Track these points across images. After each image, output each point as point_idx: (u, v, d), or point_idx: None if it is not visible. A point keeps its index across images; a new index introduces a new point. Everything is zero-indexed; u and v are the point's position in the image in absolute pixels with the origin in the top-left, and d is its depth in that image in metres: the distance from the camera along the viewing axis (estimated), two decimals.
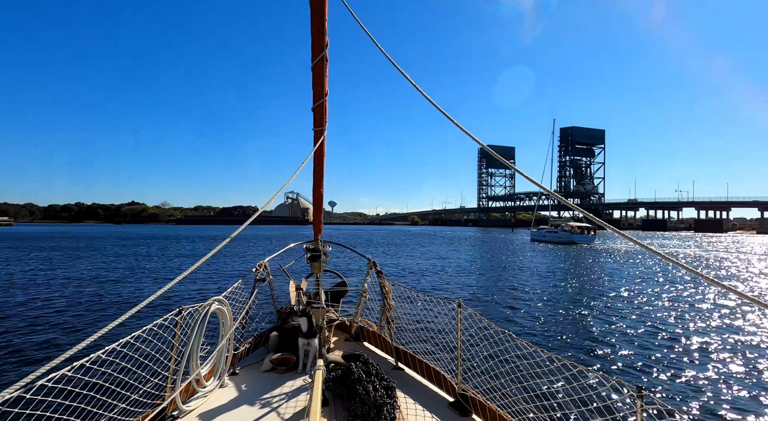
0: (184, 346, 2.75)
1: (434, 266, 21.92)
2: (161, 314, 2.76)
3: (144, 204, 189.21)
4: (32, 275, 16.31)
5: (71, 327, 8.61)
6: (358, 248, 8.51)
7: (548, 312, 10.73)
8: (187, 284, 13.65)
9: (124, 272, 17.18)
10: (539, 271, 20.14)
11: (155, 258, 23.45)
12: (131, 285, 14.17)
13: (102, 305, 10.82)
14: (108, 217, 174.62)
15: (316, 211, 5.00)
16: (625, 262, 25.02)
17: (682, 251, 40.07)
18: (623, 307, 11.45)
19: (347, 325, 4.56)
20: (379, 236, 65.44)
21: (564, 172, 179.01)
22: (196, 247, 35.10)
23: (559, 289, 14.63)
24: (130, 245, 35.48)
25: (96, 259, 21.78)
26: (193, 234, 59.76)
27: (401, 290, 4.08)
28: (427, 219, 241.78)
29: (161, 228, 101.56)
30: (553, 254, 32.59)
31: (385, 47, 3.24)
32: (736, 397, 5.82)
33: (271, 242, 43.36)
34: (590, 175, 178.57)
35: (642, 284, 15.79)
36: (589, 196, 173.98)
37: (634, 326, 9.35)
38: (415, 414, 2.90)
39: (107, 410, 2.32)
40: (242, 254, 27.19)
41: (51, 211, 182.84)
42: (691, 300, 12.57)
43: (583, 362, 7.03)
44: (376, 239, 54.13)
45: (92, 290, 12.75)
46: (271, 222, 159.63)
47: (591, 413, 3.31)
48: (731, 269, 22.70)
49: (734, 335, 8.79)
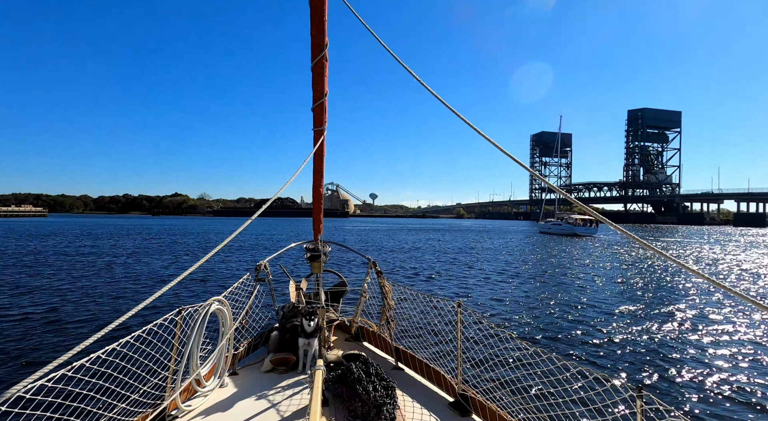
0: (184, 346, 2.75)
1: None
2: (161, 314, 2.76)
3: (186, 196, 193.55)
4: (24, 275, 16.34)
5: (70, 327, 8.61)
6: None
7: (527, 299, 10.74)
8: (188, 284, 13.66)
9: (127, 269, 17.23)
10: (526, 261, 20.11)
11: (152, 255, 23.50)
12: (134, 284, 14.18)
13: (102, 303, 10.84)
14: (151, 208, 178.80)
15: (316, 210, 5.01)
16: (620, 254, 24.93)
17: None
18: (610, 301, 11.46)
19: (347, 325, 4.57)
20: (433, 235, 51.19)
21: (632, 160, 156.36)
22: (197, 244, 34.37)
23: (540, 279, 14.65)
24: (151, 238, 35.08)
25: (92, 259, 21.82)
26: (215, 228, 56.62)
27: (401, 290, 4.09)
28: (473, 212, 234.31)
29: (195, 221, 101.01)
30: (550, 246, 32.61)
31: (390, 45, 3.24)
32: (737, 397, 5.82)
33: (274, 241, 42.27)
34: (662, 163, 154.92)
35: (636, 278, 15.79)
36: (660, 186, 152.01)
37: (627, 323, 9.36)
38: (415, 414, 2.90)
39: (107, 410, 2.32)
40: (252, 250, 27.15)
41: (100, 202, 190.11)
42: (687, 296, 12.58)
43: (568, 356, 7.04)
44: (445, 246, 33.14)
45: (95, 285, 12.78)
46: (309, 215, 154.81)
47: (591, 413, 3.31)
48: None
49: (735, 334, 8.79)
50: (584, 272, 18.42)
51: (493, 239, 44.85)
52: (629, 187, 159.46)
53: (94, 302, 11.07)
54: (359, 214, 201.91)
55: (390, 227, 74.88)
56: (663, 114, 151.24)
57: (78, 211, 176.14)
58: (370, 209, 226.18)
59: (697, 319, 10.20)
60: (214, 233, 48.82)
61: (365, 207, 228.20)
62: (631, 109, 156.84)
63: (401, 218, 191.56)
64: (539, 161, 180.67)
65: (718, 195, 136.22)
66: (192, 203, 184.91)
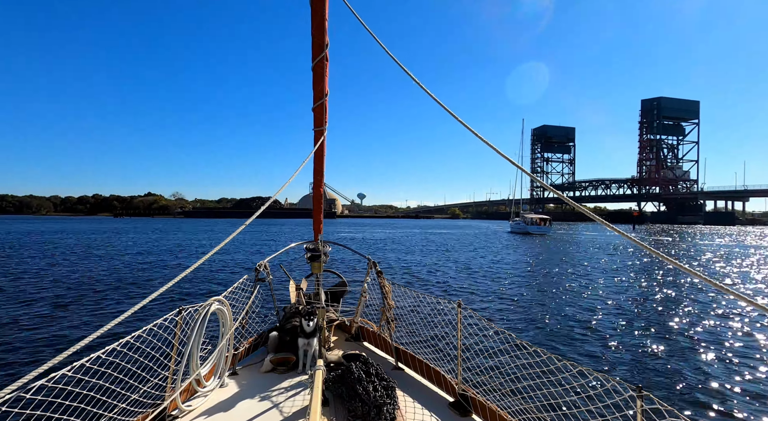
0: (184, 346, 2.75)
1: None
2: (162, 314, 2.76)
3: (159, 196, 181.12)
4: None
5: (70, 327, 8.61)
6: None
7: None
8: (187, 284, 13.66)
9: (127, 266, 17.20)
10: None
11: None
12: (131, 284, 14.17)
13: (100, 302, 10.83)
14: (123, 209, 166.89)
15: (317, 210, 5.00)
16: (567, 250, 24.95)
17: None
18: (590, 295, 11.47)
19: (347, 325, 4.57)
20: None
21: (648, 155, 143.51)
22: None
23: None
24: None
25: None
26: (175, 239, 37.88)
27: (401, 290, 4.09)
28: (469, 212, 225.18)
29: (161, 222, 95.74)
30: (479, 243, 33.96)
31: (389, 46, 3.24)
32: (737, 397, 5.82)
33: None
34: (677, 157, 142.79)
35: (631, 276, 15.80)
36: (676, 183, 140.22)
37: (627, 322, 9.36)
38: (415, 414, 2.90)
39: (107, 410, 2.32)
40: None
41: (68, 203, 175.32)
42: (686, 295, 12.58)
43: (568, 356, 7.04)
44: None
45: (92, 287, 12.77)
46: (292, 215, 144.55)
47: (591, 413, 3.32)
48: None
49: (735, 334, 8.79)
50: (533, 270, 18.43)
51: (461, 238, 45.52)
52: (644, 184, 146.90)
53: (92, 301, 11.07)
54: (347, 215, 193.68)
55: (404, 232, 58.53)
56: (680, 104, 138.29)
57: (44, 212, 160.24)
58: (359, 209, 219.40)
59: (697, 318, 10.20)
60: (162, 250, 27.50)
61: (353, 207, 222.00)
62: (645, 99, 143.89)
63: (393, 218, 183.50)
64: (540, 157, 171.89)
65: (755, 191, 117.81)
66: (164, 203, 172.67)
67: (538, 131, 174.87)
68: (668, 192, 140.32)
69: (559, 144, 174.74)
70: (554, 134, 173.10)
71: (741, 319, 10.21)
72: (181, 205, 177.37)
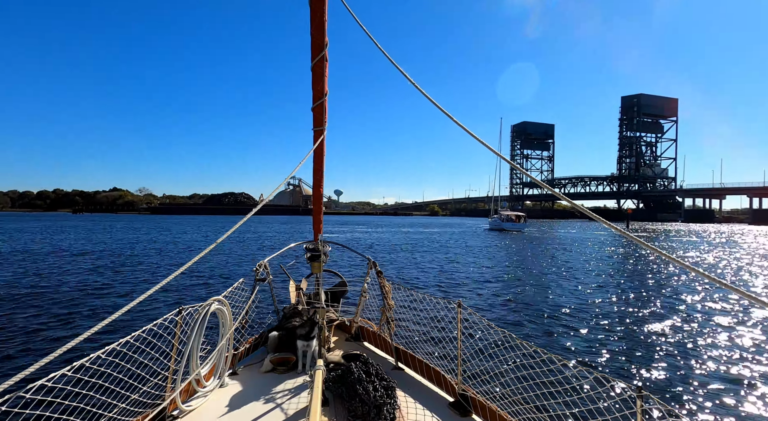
0: (184, 346, 2.75)
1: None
2: (161, 314, 2.76)
3: (125, 191, 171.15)
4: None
5: (67, 327, 8.61)
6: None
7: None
8: (188, 284, 13.65)
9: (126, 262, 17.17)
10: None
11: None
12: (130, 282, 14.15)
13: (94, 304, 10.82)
14: (86, 204, 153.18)
15: (317, 210, 5.01)
16: (536, 247, 24.95)
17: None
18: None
19: (347, 325, 4.57)
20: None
21: (628, 152, 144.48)
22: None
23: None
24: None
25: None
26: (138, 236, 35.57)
27: (401, 290, 4.09)
28: (448, 209, 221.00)
29: (121, 219, 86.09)
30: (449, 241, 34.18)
31: (385, 46, 3.24)
32: (737, 397, 5.82)
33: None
34: (655, 154, 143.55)
35: (624, 273, 15.81)
36: (655, 180, 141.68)
37: (627, 323, 9.35)
38: (415, 414, 2.90)
39: (107, 410, 2.32)
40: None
41: (25, 198, 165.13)
42: (686, 294, 12.58)
43: (568, 356, 7.04)
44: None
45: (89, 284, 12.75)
46: (268, 212, 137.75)
47: (591, 413, 3.31)
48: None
49: (735, 333, 8.78)
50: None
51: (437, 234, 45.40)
52: (623, 182, 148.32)
53: (91, 299, 11.06)
54: (324, 211, 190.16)
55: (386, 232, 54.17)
56: (659, 101, 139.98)
57: (0, 208, 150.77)
58: (336, 206, 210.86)
59: (696, 317, 10.19)
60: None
61: (330, 204, 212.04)
62: (625, 95, 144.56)
63: (371, 215, 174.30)
64: (520, 154, 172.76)
65: (732, 189, 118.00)
66: (130, 199, 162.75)
67: (518, 128, 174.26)
68: (647, 189, 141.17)
69: (538, 141, 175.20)
70: (534, 131, 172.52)
71: (742, 316, 10.21)
72: (147, 200, 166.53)
